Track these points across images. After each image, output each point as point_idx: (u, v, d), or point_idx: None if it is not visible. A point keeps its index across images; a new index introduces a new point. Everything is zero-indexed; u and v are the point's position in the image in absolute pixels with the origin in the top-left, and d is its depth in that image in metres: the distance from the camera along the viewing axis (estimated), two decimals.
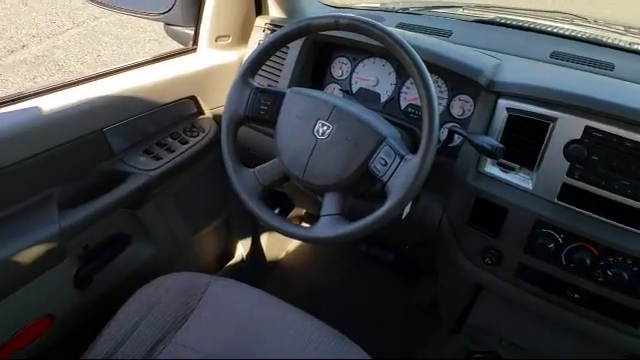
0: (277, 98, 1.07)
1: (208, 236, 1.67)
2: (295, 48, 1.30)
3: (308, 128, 1.01)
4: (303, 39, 1.28)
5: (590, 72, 1.18)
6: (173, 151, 1.34)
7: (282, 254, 2.05)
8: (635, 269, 0.98)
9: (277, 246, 2.02)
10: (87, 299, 1.25)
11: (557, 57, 1.24)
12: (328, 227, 0.99)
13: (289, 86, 1.28)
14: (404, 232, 1.33)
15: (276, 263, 2.02)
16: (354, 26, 0.99)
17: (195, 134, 1.41)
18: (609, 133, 0.97)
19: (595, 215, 1.01)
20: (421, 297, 1.80)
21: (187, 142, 1.38)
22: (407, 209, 1.08)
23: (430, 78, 0.93)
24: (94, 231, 1.23)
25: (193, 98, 1.43)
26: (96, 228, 1.22)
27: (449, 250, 1.21)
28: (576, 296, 1.06)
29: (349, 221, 0.99)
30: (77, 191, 1.18)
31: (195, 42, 1.48)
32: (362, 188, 1.06)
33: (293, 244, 2.10)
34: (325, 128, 1.00)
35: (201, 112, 1.46)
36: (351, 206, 1.03)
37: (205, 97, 1.45)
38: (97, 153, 1.23)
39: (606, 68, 1.19)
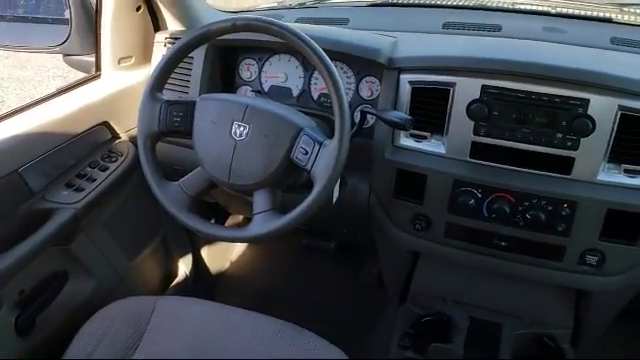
0: (189, 108, 1.08)
1: (147, 259, 1.65)
2: (199, 57, 1.31)
3: (225, 131, 1.03)
4: (206, 47, 1.29)
5: (480, 36, 1.27)
6: (95, 180, 1.32)
7: (226, 264, 2.05)
8: (550, 208, 1.07)
9: (220, 257, 2.01)
10: (32, 344, 1.21)
11: (449, 27, 1.32)
12: (263, 224, 1.01)
13: (200, 94, 1.29)
14: (338, 217, 1.37)
15: (222, 274, 2.02)
16: (252, 26, 1.02)
17: (114, 159, 1.39)
18: (504, 88, 1.05)
19: (506, 166, 1.09)
20: (368, 276, 1.85)
21: (107, 169, 1.36)
22: (336, 193, 1.12)
23: (332, 65, 0.97)
24: (27, 274, 1.19)
25: (105, 124, 1.41)
26: (29, 271, 1.19)
27: (381, 224, 1.26)
28: (503, 243, 1.14)
29: (283, 214, 1.01)
30: (0, 237, 1.14)
31: (98, 68, 1.45)
32: (289, 181, 1.09)
33: (236, 252, 2.10)
34: (242, 129, 1.02)
35: (116, 136, 1.44)
36: (284, 201, 1.05)
37: (117, 121, 1.43)
38: (16, 195, 1.19)
39: (494, 30, 1.28)
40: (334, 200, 1.12)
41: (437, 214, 1.16)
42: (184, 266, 1.83)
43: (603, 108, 1.00)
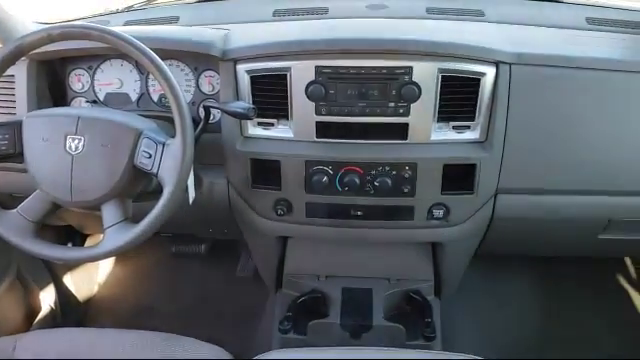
0: (16, 129, 1.00)
1: (4, 298, 1.51)
2: (21, 73, 1.21)
3: (59, 147, 0.97)
4: (26, 62, 1.20)
5: (309, 19, 1.31)
6: None
7: (94, 288, 1.94)
8: (394, 173, 1.14)
9: (86, 282, 1.90)
10: None
11: (279, 14, 1.35)
12: (116, 237, 0.97)
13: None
14: (201, 217, 1.35)
15: (91, 299, 1.91)
16: (69, 34, 0.96)
17: None
18: (336, 67, 1.10)
19: (350, 140, 1.15)
20: (245, 271, 1.86)
21: None
22: (192, 193, 1.11)
23: (162, 64, 0.95)
24: None
25: None
26: None
27: (245, 216, 1.27)
28: (359, 213, 1.20)
29: (136, 224, 0.98)
30: None
31: None
32: (139, 188, 1.05)
33: (103, 274, 1.99)
34: (77, 142, 0.97)
35: None
36: (140, 211, 1.02)
37: None
38: None
39: (322, 12, 1.34)
40: (191, 200, 1.10)
41: (296, 196, 1.20)
42: (48, 298, 1.70)
43: (426, 73, 1.09)
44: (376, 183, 1.14)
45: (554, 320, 1.74)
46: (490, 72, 1.10)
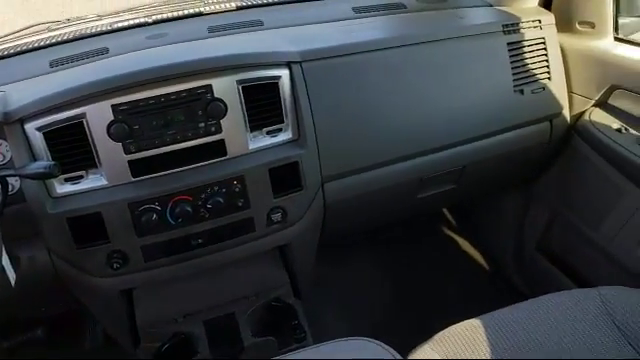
0: None
1: None
2: None
3: None
4: None
5: (91, 62, 1.24)
6: None
7: None
8: (224, 191, 1.14)
9: None
10: None
11: (57, 64, 1.25)
12: None
13: None
14: (28, 297, 1.21)
15: None
16: None
17: None
18: (133, 101, 1.06)
19: (170, 171, 1.12)
20: (95, 340, 1.70)
21: None
22: (12, 274, 0.99)
23: None
24: None
25: None
26: None
27: (78, 281, 1.17)
28: (200, 241, 1.17)
29: None
30: None
31: None
32: None
33: None
34: None
35: None
36: None
37: None
38: None
39: (102, 53, 1.27)
40: (13, 282, 0.98)
41: (129, 244, 1.13)
42: None
43: (225, 87, 1.10)
44: (209, 205, 1.13)
45: (405, 287, 1.88)
46: (284, 74, 1.15)
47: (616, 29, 1.42)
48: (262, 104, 1.15)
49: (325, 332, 1.50)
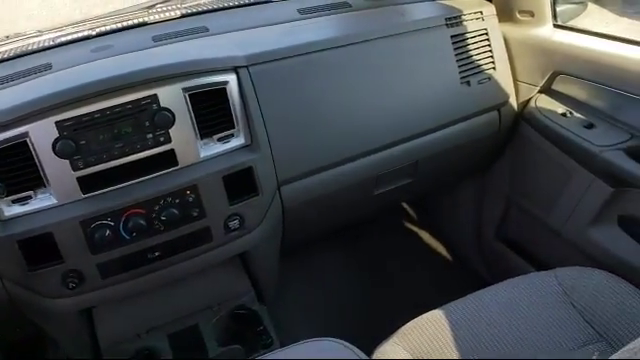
0: None
1: None
2: None
3: None
4: None
5: (32, 79, 1.20)
6: None
7: None
8: (178, 201, 1.12)
9: None
10: None
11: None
12: None
13: None
14: None
15: None
16: None
17: None
18: (77, 116, 1.03)
19: (121, 184, 1.10)
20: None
21: None
22: None
23: None
24: None
25: None
26: None
27: (33, 304, 1.14)
28: (157, 254, 1.15)
29: None
30: None
31: None
32: None
33: None
34: None
35: None
36: None
37: None
38: None
39: (45, 69, 1.23)
40: None
41: (84, 263, 1.10)
42: None
43: (171, 96, 1.09)
44: (163, 218, 1.11)
45: (372, 281, 1.89)
46: (232, 79, 1.14)
47: (554, 16, 1.46)
48: (211, 111, 1.14)
49: (293, 336, 1.50)
